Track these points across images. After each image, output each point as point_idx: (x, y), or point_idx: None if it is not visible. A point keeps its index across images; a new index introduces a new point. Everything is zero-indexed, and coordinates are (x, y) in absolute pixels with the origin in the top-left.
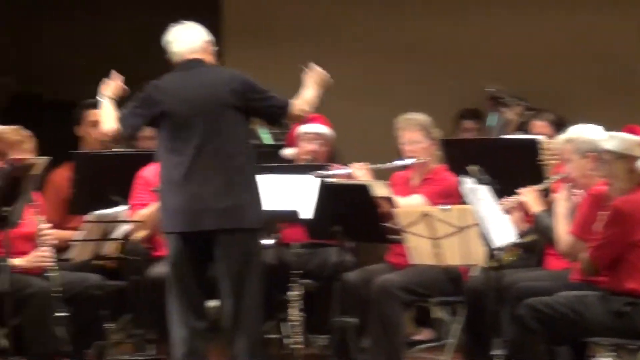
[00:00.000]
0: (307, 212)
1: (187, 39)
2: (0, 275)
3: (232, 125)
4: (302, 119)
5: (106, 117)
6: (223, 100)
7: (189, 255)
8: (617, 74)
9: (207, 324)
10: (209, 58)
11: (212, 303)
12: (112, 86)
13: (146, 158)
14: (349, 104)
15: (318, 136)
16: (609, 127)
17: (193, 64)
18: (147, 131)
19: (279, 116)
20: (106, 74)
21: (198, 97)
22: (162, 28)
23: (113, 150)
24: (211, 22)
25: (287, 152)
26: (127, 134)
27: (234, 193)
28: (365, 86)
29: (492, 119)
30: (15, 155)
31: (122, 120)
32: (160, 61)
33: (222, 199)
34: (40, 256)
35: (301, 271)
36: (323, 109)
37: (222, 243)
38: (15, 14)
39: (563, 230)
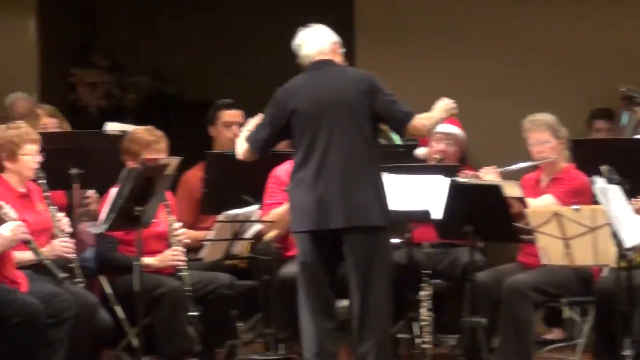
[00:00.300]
0: (437, 212)
1: (315, 41)
2: (133, 274)
3: (358, 125)
4: (421, 133)
5: (239, 143)
6: (350, 100)
7: (318, 255)
8: None
9: (337, 324)
10: (337, 59)
11: (342, 303)
12: (253, 123)
13: (277, 158)
14: (480, 103)
15: (448, 136)
16: None
17: (322, 65)
18: None
19: (400, 121)
20: (239, 75)
21: (326, 96)
22: (293, 29)
23: None
24: (343, 23)
25: (420, 151)
26: (256, 148)
27: (359, 192)
28: (496, 86)
29: (624, 119)
30: (148, 155)
31: (250, 137)
32: (292, 64)
33: (348, 197)
34: (172, 256)
35: (431, 271)
36: None
37: (348, 241)
38: (151, 13)
39: None
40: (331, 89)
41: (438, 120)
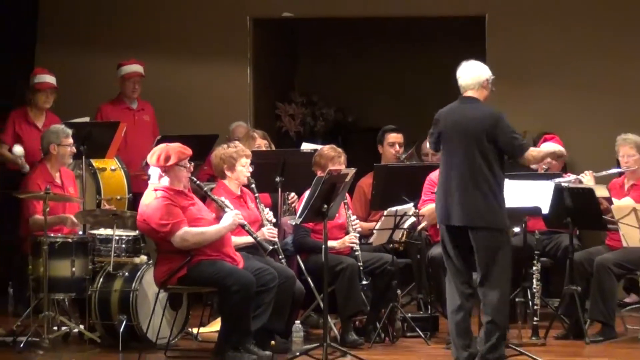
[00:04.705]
0: (545, 207)
1: (470, 77)
2: (320, 254)
3: (481, 149)
4: (530, 164)
5: None
6: (475, 131)
7: (452, 240)
8: None
9: (473, 290)
10: (484, 93)
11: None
12: None
13: (429, 168)
14: (581, 127)
15: (553, 154)
16: None
17: (467, 100)
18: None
19: (518, 152)
20: (399, 106)
21: (461, 124)
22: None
23: (404, 163)
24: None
25: None
26: (433, 149)
27: (476, 198)
28: (593, 113)
29: None
30: (332, 166)
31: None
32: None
33: (464, 201)
34: (349, 240)
35: (540, 252)
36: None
37: (472, 236)
38: (339, 60)
39: None
40: (465, 121)
41: (546, 154)
